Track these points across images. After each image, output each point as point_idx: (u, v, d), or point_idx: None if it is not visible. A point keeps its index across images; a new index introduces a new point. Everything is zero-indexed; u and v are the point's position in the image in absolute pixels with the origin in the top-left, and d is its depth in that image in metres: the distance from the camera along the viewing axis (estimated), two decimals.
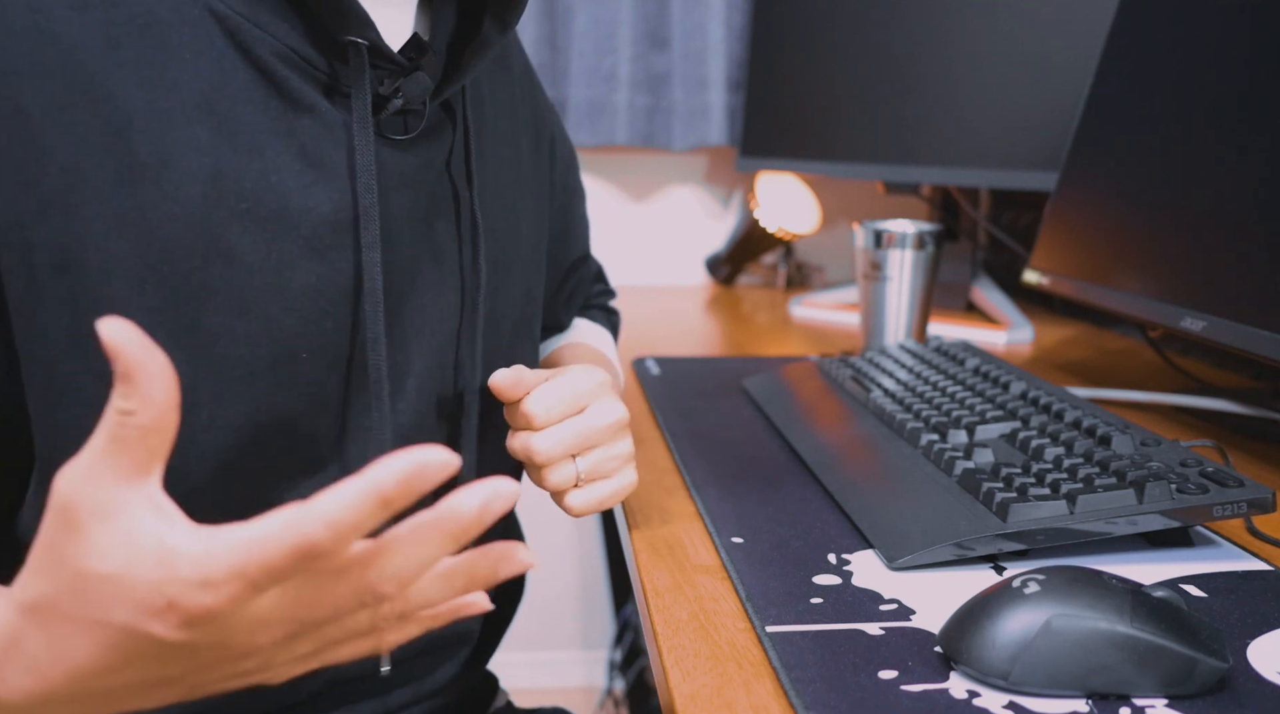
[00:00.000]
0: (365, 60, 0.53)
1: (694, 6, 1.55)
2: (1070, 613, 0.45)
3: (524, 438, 0.59)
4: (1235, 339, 0.76)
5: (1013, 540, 0.57)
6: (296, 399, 0.53)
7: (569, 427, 0.59)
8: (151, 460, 0.36)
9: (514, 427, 0.60)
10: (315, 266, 0.53)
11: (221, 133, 0.50)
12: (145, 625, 0.35)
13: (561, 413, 0.59)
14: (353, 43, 0.53)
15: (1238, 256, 0.79)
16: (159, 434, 0.35)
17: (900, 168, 1.36)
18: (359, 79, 0.53)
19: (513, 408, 0.59)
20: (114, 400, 0.35)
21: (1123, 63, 1.00)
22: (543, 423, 0.58)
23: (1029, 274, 1.05)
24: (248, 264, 0.51)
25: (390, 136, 0.57)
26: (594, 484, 0.60)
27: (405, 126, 0.57)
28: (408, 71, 0.56)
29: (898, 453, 0.71)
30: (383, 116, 0.56)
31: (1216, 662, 0.45)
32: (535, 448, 0.58)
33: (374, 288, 0.54)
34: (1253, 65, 0.82)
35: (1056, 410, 0.72)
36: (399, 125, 0.57)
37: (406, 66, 0.56)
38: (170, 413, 0.35)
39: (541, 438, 0.58)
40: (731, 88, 1.59)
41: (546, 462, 0.59)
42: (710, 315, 1.43)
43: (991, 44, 1.29)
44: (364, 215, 0.54)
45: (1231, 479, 0.59)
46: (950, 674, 0.47)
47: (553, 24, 1.55)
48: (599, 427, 0.60)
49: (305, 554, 0.34)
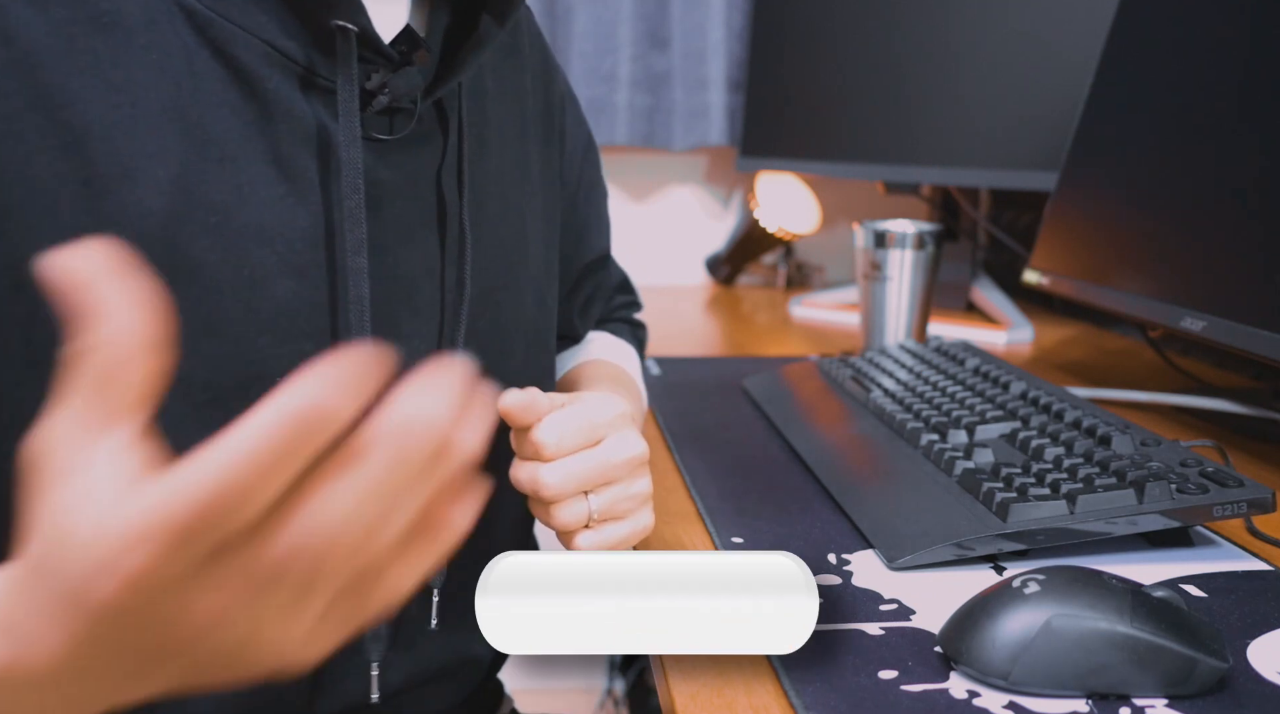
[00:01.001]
0: (354, 47, 0.50)
1: (694, 6, 1.55)
2: (1070, 613, 0.45)
3: (531, 469, 0.52)
4: (1235, 339, 0.76)
5: (1013, 540, 0.57)
6: None
7: (582, 459, 0.52)
8: (121, 408, 0.30)
9: (521, 456, 0.53)
10: (291, 284, 0.50)
11: (190, 140, 0.47)
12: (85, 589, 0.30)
13: (575, 444, 0.52)
14: (341, 27, 0.49)
15: (1238, 256, 0.79)
16: (127, 375, 0.30)
17: (900, 168, 1.36)
18: (346, 68, 0.50)
19: (521, 435, 0.52)
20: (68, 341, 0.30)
21: (1123, 63, 1.00)
22: (553, 453, 0.51)
23: (1029, 274, 1.05)
24: (216, 281, 0.48)
25: (375, 136, 0.53)
26: (606, 525, 0.54)
27: (392, 127, 0.54)
28: (398, 66, 0.52)
29: (898, 453, 0.71)
30: (367, 114, 0.52)
31: (1216, 662, 0.45)
32: (543, 481, 0.51)
33: (360, 296, 0.51)
34: (1253, 65, 0.82)
35: (1056, 410, 0.72)
36: (384, 125, 0.53)
37: (396, 60, 0.52)
38: (139, 348, 0.30)
39: (551, 470, 0.52)
40: (731, 88, 1.59)
41: (555, 497, 0.52)
42: (710, 315, 1.43)
43: (992, 44, 1.29)
44: (349, 217, 0.50)
45: (1231, 479, 0.59)
46: (950, 674, 0.47)
47: (553, 24, 1.55)
48: (616, 461, 0.53)
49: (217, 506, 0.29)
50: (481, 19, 0.56)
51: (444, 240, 0.57)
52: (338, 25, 0.49)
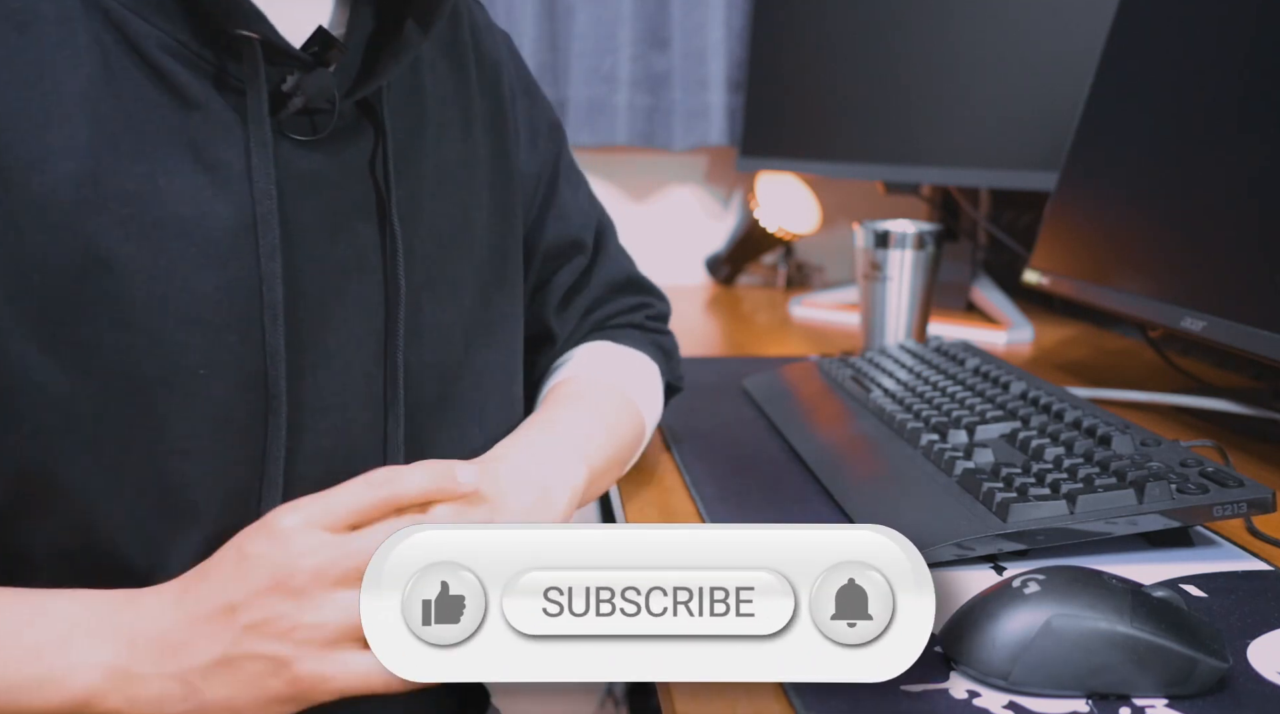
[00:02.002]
0: (259, 56, 0.50)
1: (694, 6, 1.55)
2: (1070, 613, 0.45)
3: None
4: (1235, 339, 0.76)
5: (1013, 540, 0.57)
6: (199, 420, 0.50)
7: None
8: None
9: None
10: (213, 276, 0.50)
11: (102, 133, 0.47)
12: None
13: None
14: (244, 37, 0.50)
15: (1238, 256, 0.79)
16: None
17: (900, 168, 1.36)
18: (253, 76, 0.50)
19: None
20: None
21: (1123, 63, 1.00)
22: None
23: (1029, 274, 1.05)
24: (129, 273, 0.48)
25: (294, 136, 0.53)
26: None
27: (313, 126, 0.54)
28: (311, 68, 0.53)
29: (898, 453, 0.71)
30: (283, 115, 0.52)
31: (1216, 662, 0.45)
32: None
33: (274, 300, 0.51)
34: (1253, 65, 0.82)
35: (1056, 410, 0.72)
36: (305, 125, 0.54)
37: (309, 62, 0.53)
38: None
39: None
40: (731, 88, 1.59)
41: None
42: (710, 315, 1.43)
43: (992, 44, 1.29)
44: (261, 222, 0.50)
45: (1231, 479, 0.59)
46: (950, 674, 0.47)
47: (553, 24, 1.55)
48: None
49: None
50: (405, 24, 0.56)
51: (384, 233, 0.57)
52: (240, 35, 0.50)
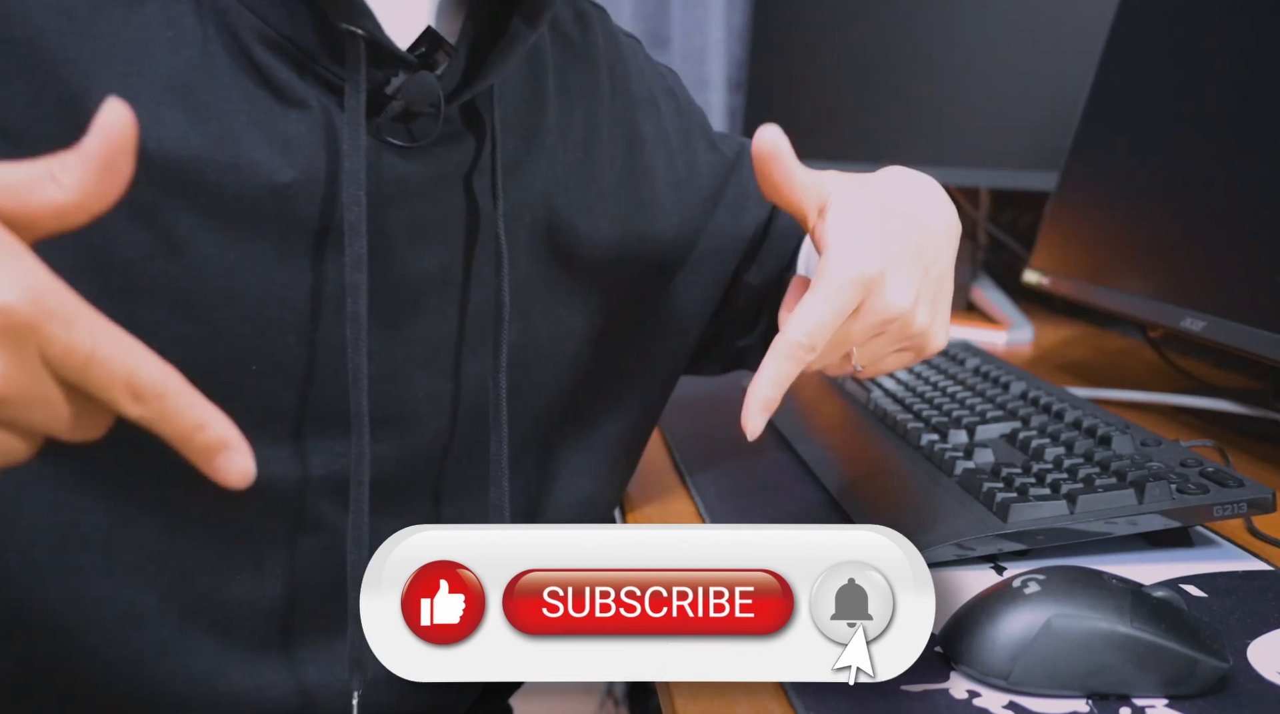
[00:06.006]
0: (362, 53, 0.48)
1: (694, 6, 1.55)
2: (1070, 613, 0.45)
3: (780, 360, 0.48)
4: (1235, 339, 0.76)
5: (1013, 540, 0.57)
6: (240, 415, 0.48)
7: (837, 340, 0.49)
8: (29, 227, 0.34)
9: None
10: (280, 273, 0.49)
11: (191, 119, 0.46)
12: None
13: (828, 337, 0.48)
14: (349, 32, 0.48)
15: (1238, 256, 0.79)
16: (53, 216, 0.34)
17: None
18: (354, 74, 0.48)
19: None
20: (53, 159, 0.34)
21: (1123, 63, 1.00)
22: (807, 355, 0.48)
23: (1029, 274, 1.05)
24: (199, 262, 0.47)
25: (393, 142, 0.51)
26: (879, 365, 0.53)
27: (411, 133, 0.52)
28: (416, 70, 0.51)
29: (898, 453, 0.71)
30: (382, 119, 0.50)
31: (1216, 662, 0.45)
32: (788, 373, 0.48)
33: (358, 313, 0.49)
34: (1253, 65, 0.82)
35: (1056, 410, 0.72)
36: (401, 131, 0.52)
37: (413, 64, 0.51)
38: (71, 208, 0.34)
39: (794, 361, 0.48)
40: (731, 88, 1.59)
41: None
42: None
43: (991, 44, 1.29)
44: (350, 230, 0.48)
45: (1231, 479, 0.59)
46: (950, 674, 0.47)
47: None
48: (874, 323, 0.49)
49: None
50: (512, 21, 0.54)
51: (475, 248, 0.55)
52: (345, 29, 0.48)
